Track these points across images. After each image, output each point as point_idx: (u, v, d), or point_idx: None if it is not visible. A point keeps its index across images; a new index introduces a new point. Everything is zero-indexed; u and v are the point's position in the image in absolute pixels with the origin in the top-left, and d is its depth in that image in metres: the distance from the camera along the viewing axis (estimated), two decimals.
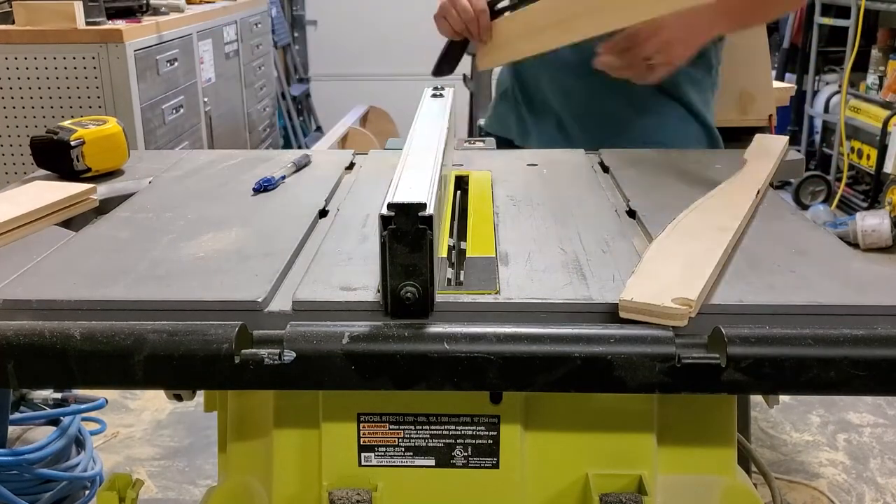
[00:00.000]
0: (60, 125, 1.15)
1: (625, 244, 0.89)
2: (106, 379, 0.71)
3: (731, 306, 0.75)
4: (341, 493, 0.81)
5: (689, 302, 0.70)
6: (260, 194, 1.08)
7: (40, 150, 1.14)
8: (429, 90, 1.24)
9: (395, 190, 0.74)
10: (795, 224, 0.96)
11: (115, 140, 1.17)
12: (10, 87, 2.79)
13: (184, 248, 0.89)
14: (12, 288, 0.79)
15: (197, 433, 2.42)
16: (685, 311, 0.70)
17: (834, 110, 4.46)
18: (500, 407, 0.81)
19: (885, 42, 4.28)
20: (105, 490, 0.93)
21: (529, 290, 0.77)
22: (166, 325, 0.70)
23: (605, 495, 0.80)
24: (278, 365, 0.69)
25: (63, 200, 0.97)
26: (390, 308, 0.72)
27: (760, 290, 0.78)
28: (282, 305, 0.76)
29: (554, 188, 1.12)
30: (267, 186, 1.09)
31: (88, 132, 1.14)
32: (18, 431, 2.16)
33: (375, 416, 0.82)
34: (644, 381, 0.69)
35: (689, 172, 1.17)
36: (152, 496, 2.16)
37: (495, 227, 0.95)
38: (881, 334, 0.69)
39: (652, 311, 0.71)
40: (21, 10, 2.78)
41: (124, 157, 1.20)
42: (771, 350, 0.68)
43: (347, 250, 0.88)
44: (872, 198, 3.99)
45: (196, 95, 3.40)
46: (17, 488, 1.91)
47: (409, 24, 1.61)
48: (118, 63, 2.77)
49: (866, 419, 2.49)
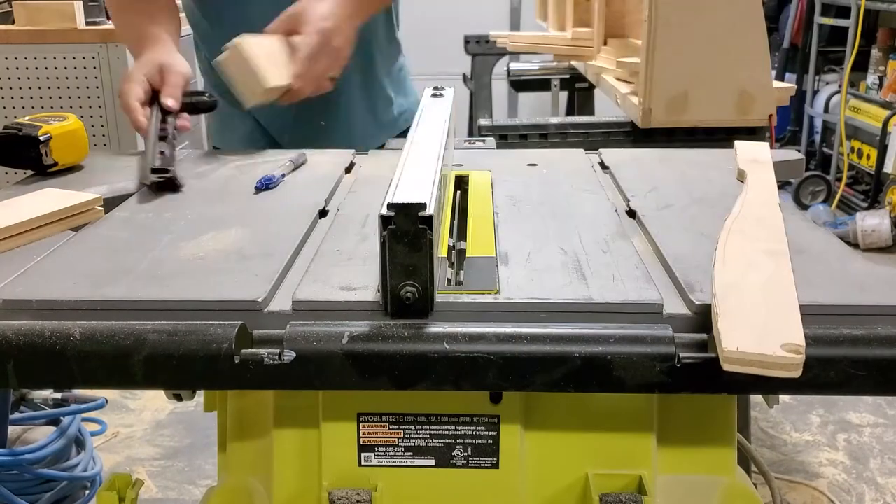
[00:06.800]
0: (19, 122, 1.18)
1: (625, 244, 0.89)
2: (106, 379, 0.71)
3: None
4: (341, 493, 0.81)
5: (800, 349, 0.66)
6: (259, 194, 1.08)
7: (4, 145, 1.15)
8: (429, 90, 1.24)
9: (395, 190, 0.74)
10: (795, 224, 0.96)
11: (79, 135, 1.21)
12: (10, 87, 2.79)
13: (184, 248, 0.89)
14: (12, 288, 0.79)
15: (197, 433, 2.42)
16: (799, 360, 0.65)
17: (834, 110, 4.47)
18: (500, 407, 0.81)
19: (885, 42, 4.29)
20: (105, 490, 0.93)
21: (529, 290, 0.77)
22: (166, 325, 0.70)
23: (605, 495, 0.80)
24: (278, 365, 0.69)
25: (69, 209, 0.97)
26: (390, 308, 0.72)
27: None
28: (282, 305, 0.76)
29: (554, 188, 1.12)
30: (269, 185, 1.10)
31: (54, 127, 1.17)
32: (18, 431, 2.16)
33: (375, 416, 0.82)
34: (644, 381, 0.69)
35: (689, 172, 1.17)
36: (152, 496, 2.16)
37: (495, 227, 0.95)
38: (881, 334, 0.69)
39: (763, 362, 0.65)
40: (21, 10, 2.79)
41: (85, 152, 1.23)
42: None
43: (347, 250, 0.88)
44: (872, 198, 3.99)
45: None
46: (17, 488, 1.91)
47: (409, 23, 1.62)
48: (118, 63, 2.77)
49: (866, 419, 2.49)
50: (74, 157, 1.21)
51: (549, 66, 2.83)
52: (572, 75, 2.73)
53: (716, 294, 0.72)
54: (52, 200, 0.99)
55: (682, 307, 0.75)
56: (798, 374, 0.65)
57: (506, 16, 5.26)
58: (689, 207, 1.02)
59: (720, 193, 1.07)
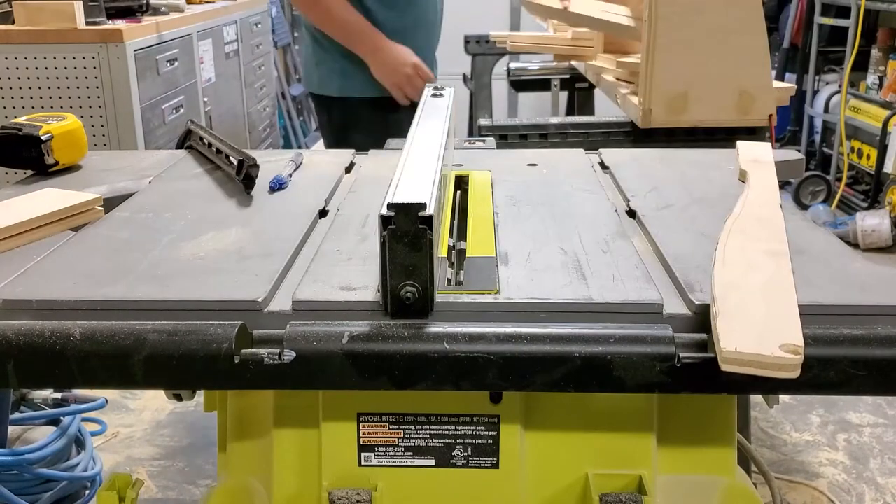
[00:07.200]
0: (18, 122, 1.18)
1: (625, 244, 0.89)
2: (106, 379, 0.71)
3: None
4: (341, 493, 0.81)
5: (799, 349, 0.65)
6: (259, 193, 1.08)
7: (4, 145, 1.15)
8: (429, 90, 1.24)
9: (395, 190, 0.74)
10: (795, 224, 0.96)
11: (78, 135, 1.22)
12: (10, 87, 2.79)
13: (184, 248, 0.89)
14: (12, 288, 0.79)
15: (197, 433, 2.42)
16: (797, 361, 0.65)
17: (834, 110, 4.46)
18: (500, 407, 0.81)
19: (885, 42, 4.28)
20: (105, 490, 0.93)
21: (529, 290, 0.77)
22: (166, 325, 0.70)
23: (605, 495, 0.80)
24: (278, 365, 0.69)
25: (69, 209, 0.97)
26: (390, 308, 0.72)
27: None
28: (282, 305, 0.76)
29: (554, 188, 1.12)
30: (281, 185, 1.10)
31: (55, 127, 1.17)
32: (18, 431, 2.16)
33: (375, 416, 0.82)
34: (644, 380, 0.69)
35: (689, 172, 1.17)
36: (152, 496, 2.15)
37: (495, 227, 0.95)
38: (881, 334, 0.69)
39: (762, 362, 0.65)
40: (21, 10, 2.78)
41: (84, 152, 1.24)
42: None
43: (347, 250, 0.88)
44: (872, 198, 3.99)
45: (196, 95, 3.40)
46: (17, 488, 1.91)
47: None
48: (118, 63, 2.77)
49: (866, 419, 2.49)
50: (74, 156, 1.22)
51: (549, 66, 2.83)
52: (572, 75, 2.72)
53: (715, 294, 0.72)
54: (52, 200, 0.99)
55: (682, 307, 0.75)
56: (796, 374, 0.65)
57: (506, 16, 5.26)
58: (689, 207, 1.02)
59: (720, 193, 1.07)
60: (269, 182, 1.10)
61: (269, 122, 4.57)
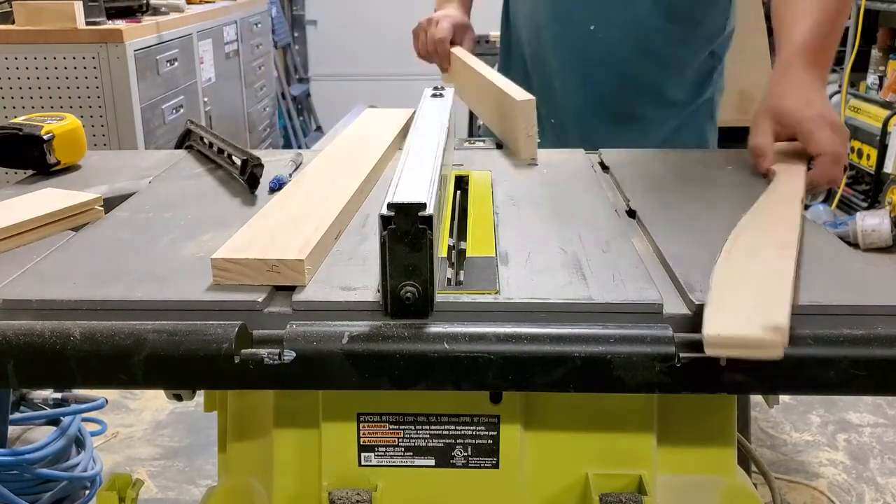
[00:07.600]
0: (17, 122, 1.18)
1: (625, 244, 0.89)
2: (106, 379, 0.71)
3: None
4: (341, 493, 0.81)
5: (781, 329, 0.64)
6: (259, 194, 1.08)
7: (5, 145, 1.15)
8: (429, 90, 1.24)
9: (395, 190, 0.74)
10: None
11: (78, 135, 1.22)
12: (10, 87, 2.79)
13: (184, 248, 0.89)
14: (12, 288, 0.79)
15: (197, 433, 2.42)
16: (780, 341, 0.64)
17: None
18: (500, 407, 0.81)
19: (885, 42, 4.28)
20: (105, 490, 0.93)
21: (529, 290, 0.77)
22: (166, 325, 0.70)
23: (605, 495, 0.80)
24: (278, 365, 0.69)
25: (69, 209, 0.97)
26: (390, 308, 0.72)
27: None
28: (281, 305, 0.76)
29: (554, 188, 1.12)
30: (281, 185, 1.10)
31: (55, 127, 1.17)
32: (18, 431, 2.16)
33: (375, 416, 0.82)
34: (644, 380, 0.69)
35: (689, 172, 1.17)
36: (152, 496, 2.16)
37: (495, 227, 0.95)
38: (881, 334, 0.69)
39: (744, 343, 0.64)
40: (21, 10, 2.78)
41: (84, 151, 1.24)
42: None
43: (347, 250, 0.88)
44: (872, 198, 3.99)
45: (196, 95, 3.40)
46: (17, 488, 1.91)
47: (410, 24, 1.63)
48: (118, 63, 2.77)
49: (866, 419, 2.49)
50: (75, 156, 1.22)
51: None
52: None
53: (711, 286, 0.72)
54: (52, 200, 0.99)
55: (682, 307, 0.75)
56: (780, 354, 0.64)
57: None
58: (690, 207, 1.02)
59: (720, 193, 1.07)
60: (270, 182, 1.10)
61: (269, 122, 4.58)
